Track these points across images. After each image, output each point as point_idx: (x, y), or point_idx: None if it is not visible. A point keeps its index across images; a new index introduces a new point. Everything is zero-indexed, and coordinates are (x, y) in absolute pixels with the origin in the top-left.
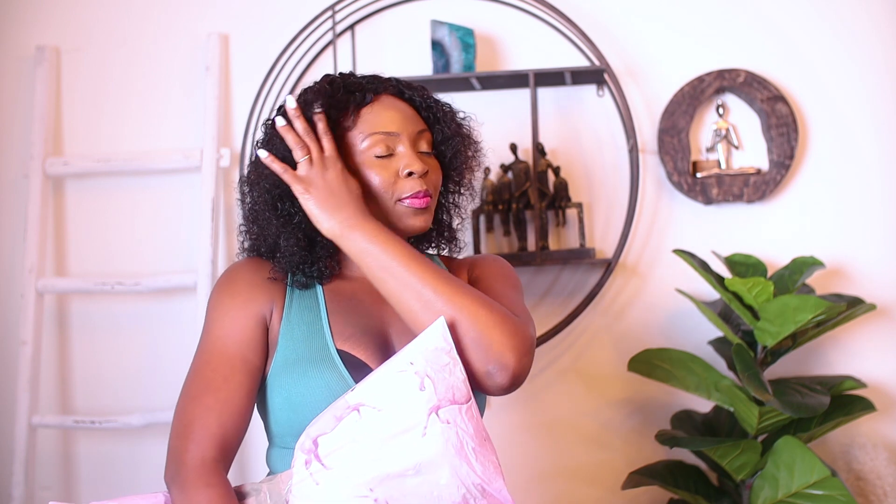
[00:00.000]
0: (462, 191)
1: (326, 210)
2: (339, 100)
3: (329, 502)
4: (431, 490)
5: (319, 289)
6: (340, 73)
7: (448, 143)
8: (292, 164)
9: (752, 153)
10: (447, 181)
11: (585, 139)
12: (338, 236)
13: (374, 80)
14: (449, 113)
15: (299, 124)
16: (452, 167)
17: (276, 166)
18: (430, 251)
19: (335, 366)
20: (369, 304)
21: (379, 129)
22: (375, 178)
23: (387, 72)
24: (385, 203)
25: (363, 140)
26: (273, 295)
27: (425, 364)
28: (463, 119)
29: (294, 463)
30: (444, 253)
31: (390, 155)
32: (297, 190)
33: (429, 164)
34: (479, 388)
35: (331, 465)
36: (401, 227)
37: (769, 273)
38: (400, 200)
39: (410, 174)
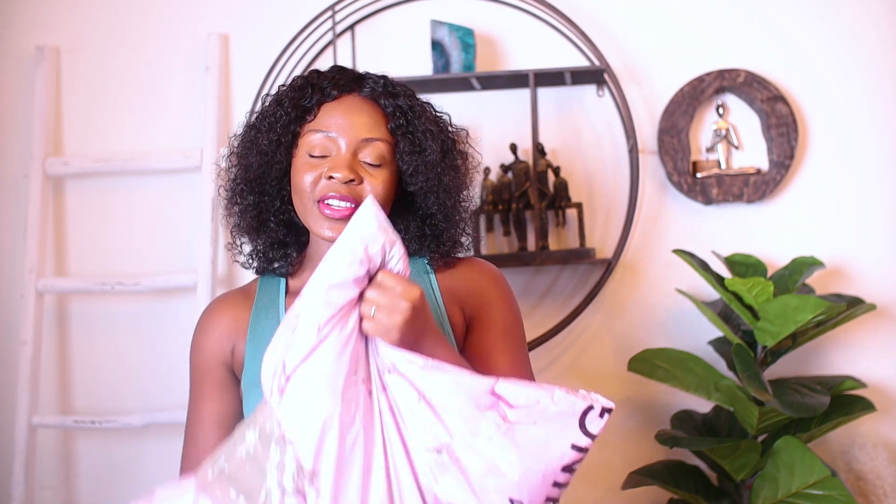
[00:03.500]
0: (451, 201)
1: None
2: (307, 95)
3: (315, 405)
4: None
5: (282, 304)
6: (333, 67)
7: (416, 156)
8: (275, 158)
9: (752, 153)
10: (432, 192)
11: (585, 139)
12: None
13: (350, 78)
14: (421, 124)
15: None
16: (420, 177)
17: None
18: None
19: None
20: None
21: (321, 128)
22: (301, 175)
23: (387, 72)
24: (305, 202)
25: (308, 134)
26: (234, 330)
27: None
28: (451, 131)
29: (268, 391)
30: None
31: (324, 157)
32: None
33: (372, 174)
34: None
35: (301, 376)
36: (314, 231)
37: (769, 273)
38: (318, 202)
39: (331, 178)
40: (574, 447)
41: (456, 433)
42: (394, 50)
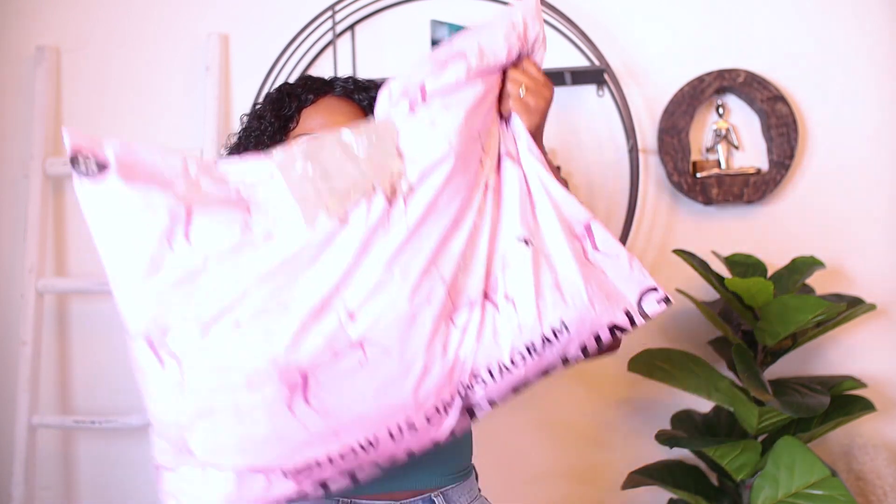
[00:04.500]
0: None
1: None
2: (286, 104)
3: (439, 134)
4: None
5: None
6: (301, 76)
7: None
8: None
9: (752, 153)
10: None
11: (585, 139)
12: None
13: (321, 82)
14: None
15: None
16: None
17: None
18: None
19: None
20: None
21: (305, 131)
22: None
23: (387, 72)
24: None
25: (293, 142)
26: None
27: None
28: None
29: (395, 103)
30: None
31: None
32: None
33: None
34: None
35: (436, 105)
36: None
37: (769, 273)
38: None
39: None
40: (626, 313)
41: (545, 239)
42: (394, 50)
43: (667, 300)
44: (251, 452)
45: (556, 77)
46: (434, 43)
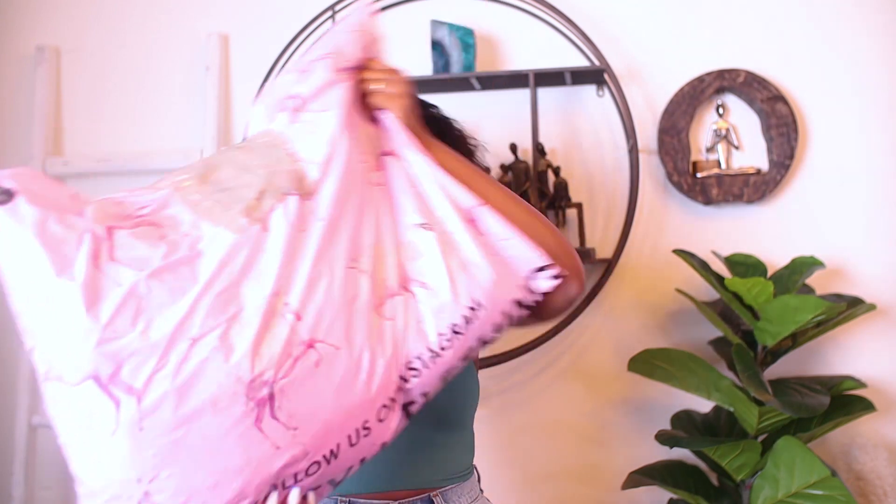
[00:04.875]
0: None
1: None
2: None
3: (328, 131)
4: None
5: None
6: None
7: None
8: None
9: (752, 153)
10: None
11: (585, 139)
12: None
13: None
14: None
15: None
16: None
17: None
18: None
19: None
20: None
21: None
22: None
23: None
24: None
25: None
26: None
27: None
28: (445, 119)
29: (271, 114)
30: None
31: None
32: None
33: None
34: (545, 303)
35: (314, 112)
36: None
37: (769, 273)
38: None
39: None
40: (526, 288)
41: (445, 224)
42: (394, 50)
43: (556, 276)
44: (226, 488)
45: (557, 77)
46: (434, 43)
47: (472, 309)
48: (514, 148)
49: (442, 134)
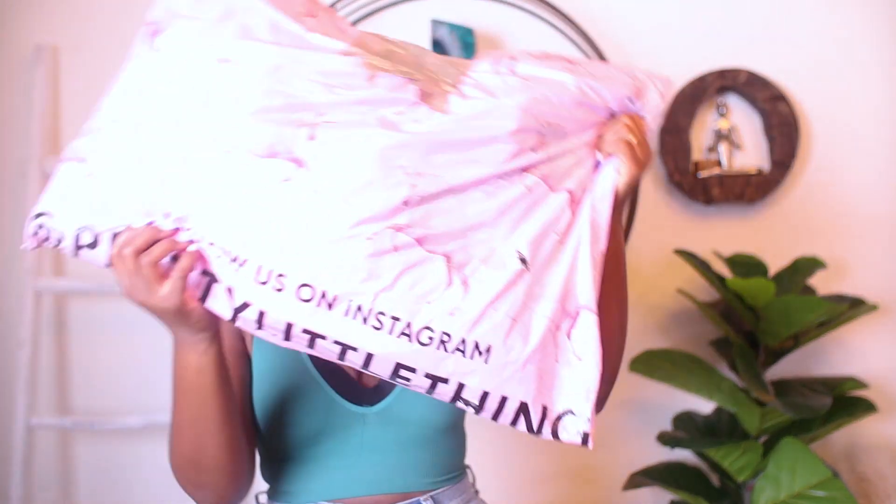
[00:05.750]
0: None
1: None
2: None
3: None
4: None
5: None
6: None
7: None
8: None
9: (754, 153)
10: None
11: None
12: None
13: None
14: None
15: None
16: None
17: None
18: None
19: (306, 370)
20: None
21: None
22: None
23: None
24: None
25: None
26: None
27: None
28: None
29: None
30: None
31: None
32: None
33: None
34: None
35: None
36: None
37: (770, 273)
38: None
39: None
40: (543, 410)
41: (542, 278)
42: None
43: (585, 440)
44: None
45: None
46: (434, 43)
47: (477, 348)
48: None
49: None
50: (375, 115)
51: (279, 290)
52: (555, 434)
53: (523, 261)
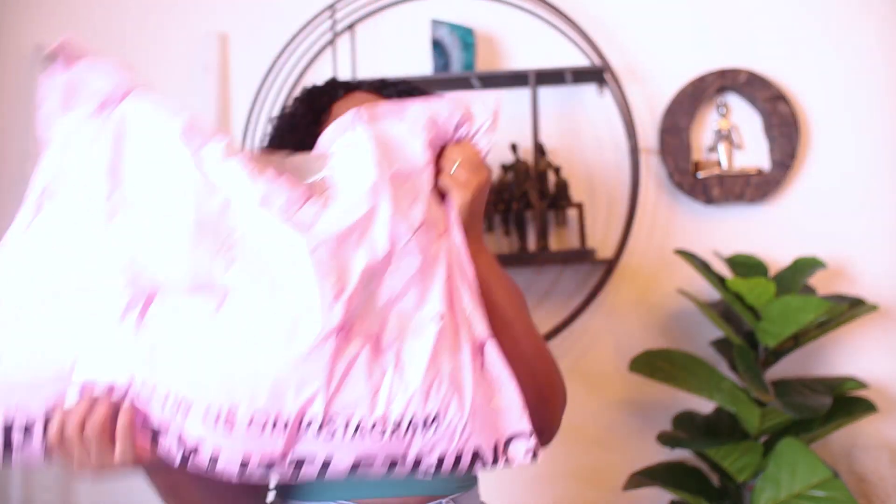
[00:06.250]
0: None
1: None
2: (317, 99)
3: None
4: None
5: None
6: (326, 80)
7: None
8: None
9: (754, 153)
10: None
11: (586, 139)
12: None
13: (348, 82)
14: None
15: None
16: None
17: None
18: None
19: None
20: None
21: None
22: None
23: (387, 72)
24: None
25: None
26: None
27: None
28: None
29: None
30: None
31: None
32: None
33: None
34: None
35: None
36: None
37: (771, 273)
38: None
39: None
40: (494, 447)
41: (451, 330)
42: (394, 49)
43: (535, 454)
44: None
45: (557, 77)
46: (434, 42)
47: (426, 423)
48: (514, 148)
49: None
50: (279, 218)
51: (230, 425)
52: (508, 462)
53: (441, 316)
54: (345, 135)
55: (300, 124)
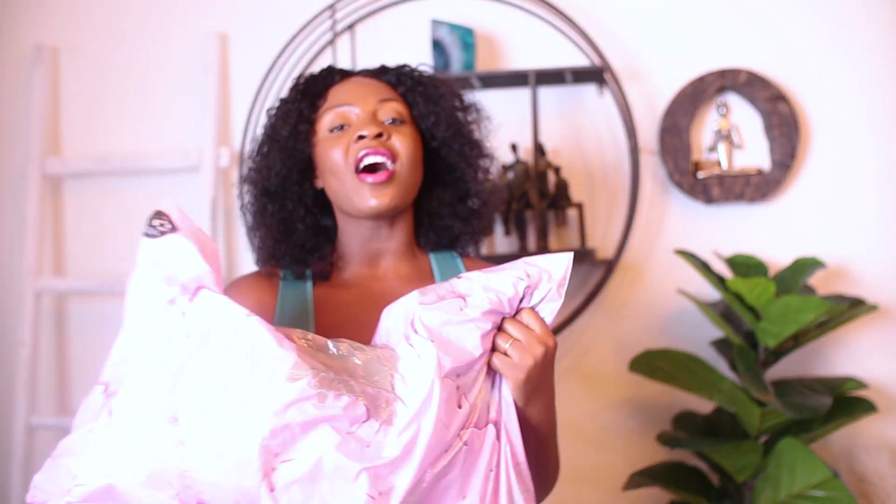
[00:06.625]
0: (475, 151)
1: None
2: (312, 85)
3: (428, 374)
4: None
5: (310, 297)
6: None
7: (432, 104)
8: (295, 150)
9: (754, 153)
10: (450, 162)
11: (586, 139)
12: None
13: (346, 67)
14: (430, 80)
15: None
16: (439, 136)
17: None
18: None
19: None
20: (363, 318)
21: (335, 103)
22: (330, 152)
23: None
24: (343, 177)
25: (322, 116)
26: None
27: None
28: (451, 89)
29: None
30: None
31: (344, 126)
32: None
33: (397, 130)
34: None
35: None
36: (360, 207)
37: (771, 273)
38: (357, 174)
39: (361, 137)
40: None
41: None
42: (394, 49)
43: None
44: None
45: (557, 76)
46: (434, 42)
47: None
48: (514, 147)
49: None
50: (333, 439)
51: None
52: None
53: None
54: (408, 328)
55: (295, 110)
